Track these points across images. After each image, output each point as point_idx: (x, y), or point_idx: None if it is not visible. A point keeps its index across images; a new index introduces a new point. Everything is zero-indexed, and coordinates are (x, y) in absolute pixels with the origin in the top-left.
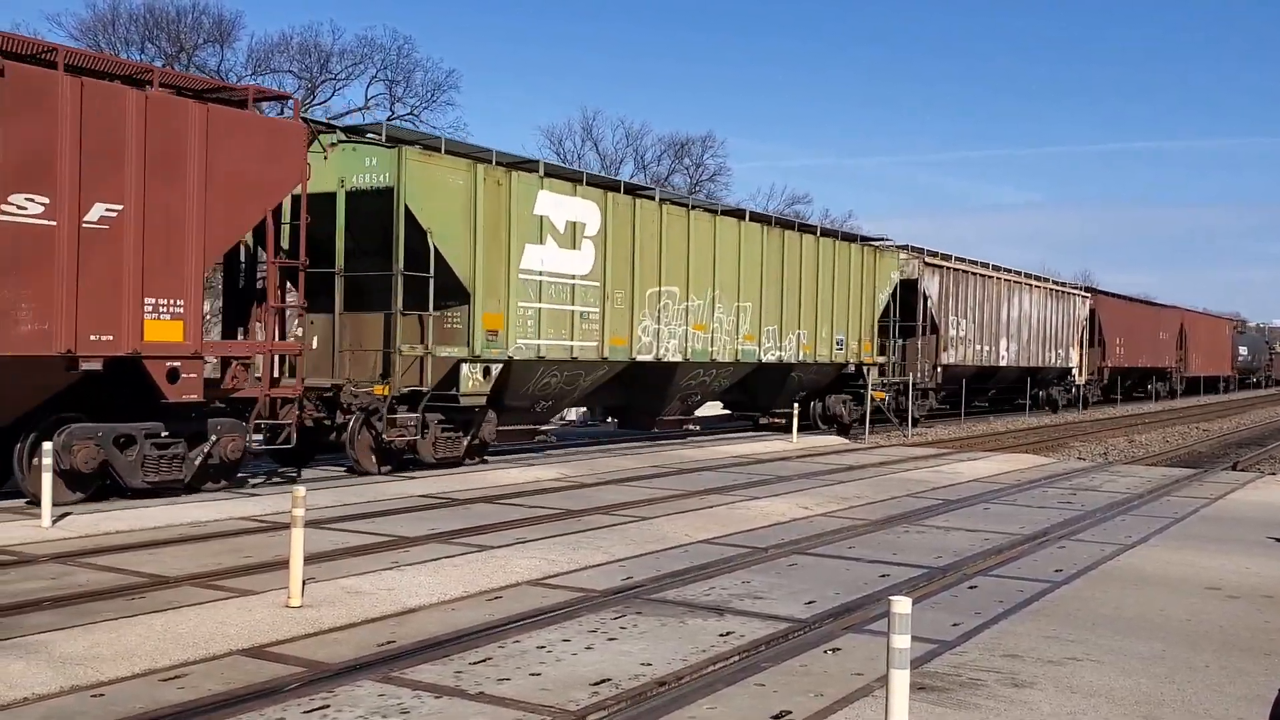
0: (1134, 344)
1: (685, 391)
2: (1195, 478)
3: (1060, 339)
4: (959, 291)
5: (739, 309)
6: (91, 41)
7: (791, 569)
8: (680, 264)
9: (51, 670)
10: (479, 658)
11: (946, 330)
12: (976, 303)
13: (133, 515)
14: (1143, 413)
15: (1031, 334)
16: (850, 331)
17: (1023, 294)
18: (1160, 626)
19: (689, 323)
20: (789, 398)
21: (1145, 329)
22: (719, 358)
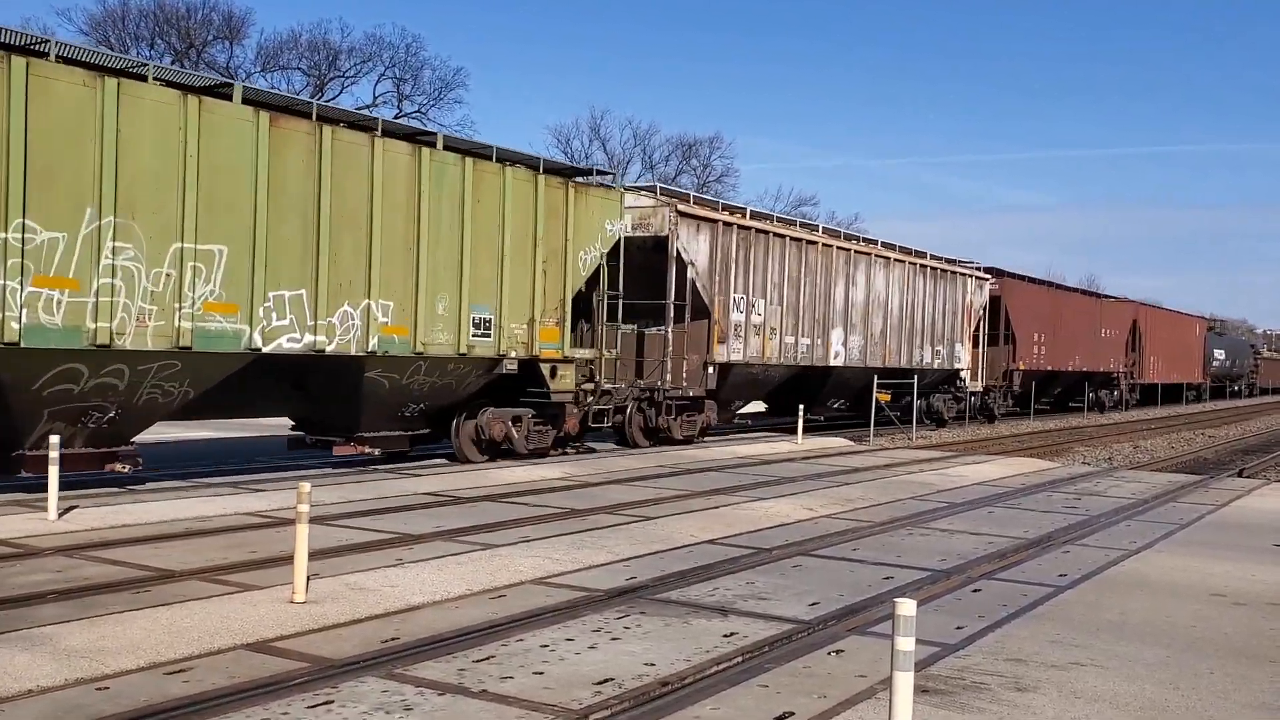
0: (1061, 342)
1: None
2: (1201, 484)
3: (943, 333)
4: (749, 259)
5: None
6: (101, 36)
7: (796, 570)
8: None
9: (56, 663)
10: (482, 655)
11: (722, 313)
12: (786, 277)
13: (139, 509)
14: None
15: (890, 324)
16: (513, 305)
17: (872, 269)
18: (1165, 632)
19: None
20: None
21: (1079, 324)
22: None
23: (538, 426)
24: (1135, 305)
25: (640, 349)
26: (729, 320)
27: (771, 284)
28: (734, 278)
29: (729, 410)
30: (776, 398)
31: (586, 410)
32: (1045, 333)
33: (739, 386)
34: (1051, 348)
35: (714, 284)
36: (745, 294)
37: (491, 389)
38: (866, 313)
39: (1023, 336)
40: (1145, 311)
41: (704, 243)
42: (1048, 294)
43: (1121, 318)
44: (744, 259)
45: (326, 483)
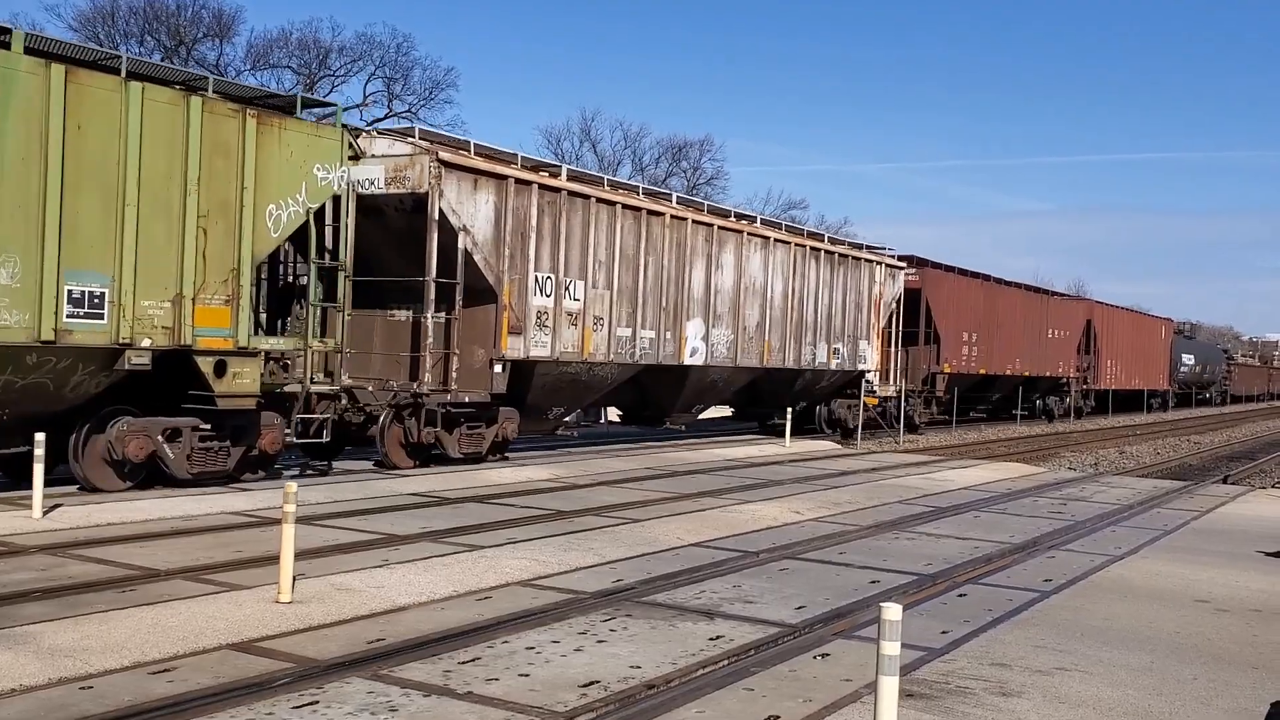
0: (998, 343)
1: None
2: (1186, 490)
3: (843, 329)
4: (561, 229)
5: None
6: (90, 33)
7: (782, 573)
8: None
9: (40, 662)
10: (468, 657)
11: (516, 296)
12: (619, 255)
13: (124, 507)
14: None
15: (772, 317)
16: (148, 275)
17: (746, 251)
18: (1149, 638)
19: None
20: None
21: (1020, 324)
22: None
23: (208, 443)
24: (1089, 304)
25: (415, 342)
26: (527, 306)
27: (597, 262)
28: (536, 252)
29: (547, 420)
30: (618, 403)
31: (298, 420)
32: (978, 332)
33: (554, 390)
34: (986, 349)
35: (502, 258)
36: (555, 273)
37: (138, 393)
38: (737, 302)
39: (949, 335)
40: (1101, 311)
41: (486, 204)
42: (981, 288)
43: (1073, 317)
44: (552, 229)
45: (313, 482)
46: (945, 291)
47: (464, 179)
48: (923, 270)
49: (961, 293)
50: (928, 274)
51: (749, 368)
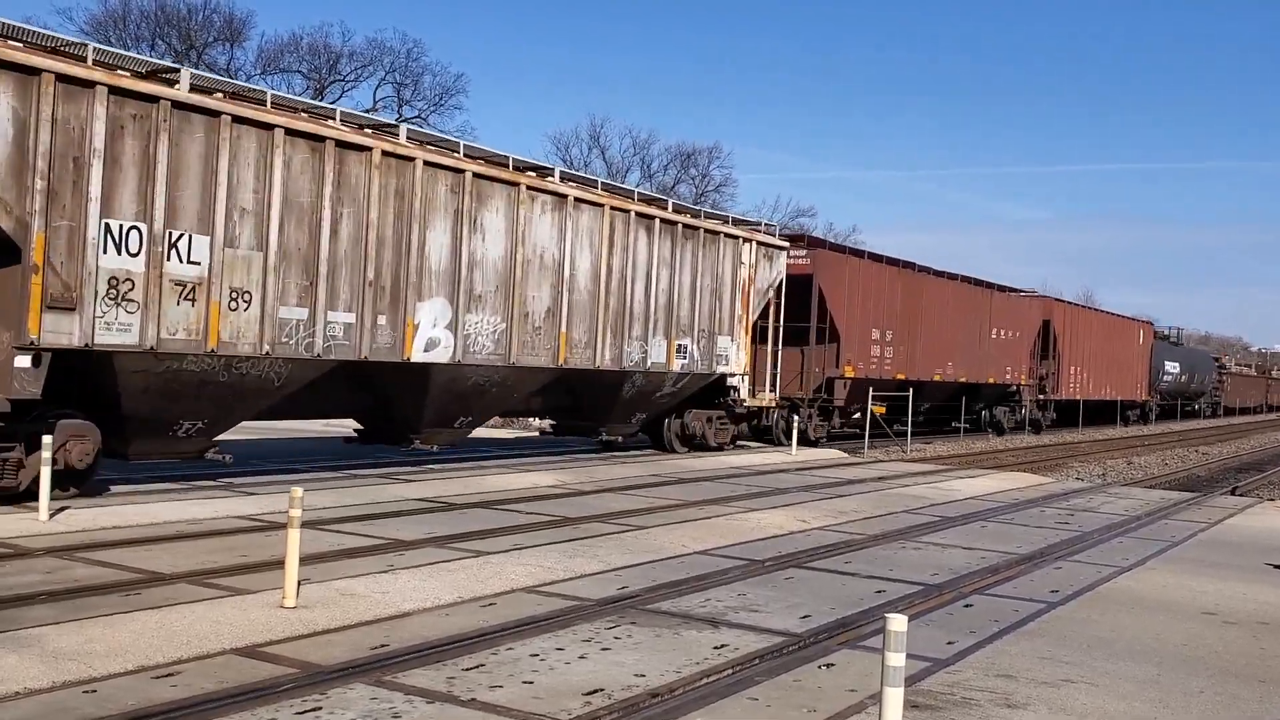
0: (922, 343)
1: None
2: (1194, 502)
3: (692, 321)
4: (167, 160)
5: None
6: (102, 36)
7: (788, 582)
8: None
9: (44, 665)
10: (472, 664)
11: (63, 252)
12: (288, 202)
13: (130, 510)
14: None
15: (575, 302)
16: None
17: (525, 211)
18: (1155, 650)
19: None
20: None
21: (954, 321)
22: None
23: None
24: (1047, 302)
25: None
26: (82, 266)
27: (238, 211)
28: (105, 188)
29: (178, 438)
30: (343, 412)
31: None
32: (894, 329)
33: (172, 396)
34: (907, 350)
35: (30, 195)
36: (147, 222)
37: None
38: (512, 280)
39: (852, 332)
40: (1063, 311)
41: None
42: (899, 277)
43: (1025, 317)
44: (143, 157)
45: (319, 487)
46: (846, 279)
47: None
48: (815, 252)
49: (870, 281)
50: (822, 257)
51: (539, 368)
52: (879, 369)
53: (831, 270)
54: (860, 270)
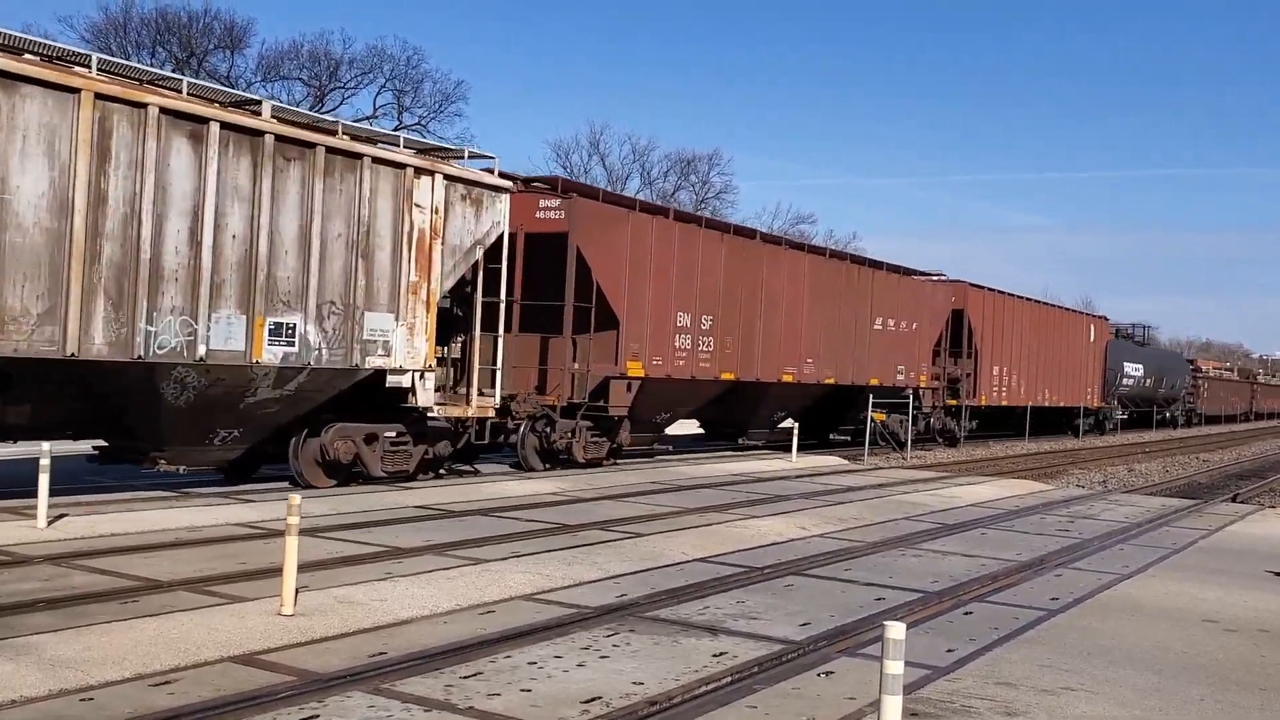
0: (763, 334)
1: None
2: (1194, 509)
3: (325, 292)
4: None
5: None
6: (103, 44)
7: (787, 590)
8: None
9: (41, 672)
10: (470, 672)
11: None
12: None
13: (128, 518)
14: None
15: (14, 244)
16: None
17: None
18: (1156, 658)
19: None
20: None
21: (818, 308)
22: None
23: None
24: (959, 287)
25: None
26: None
27: None
28: None
29: None
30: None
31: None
32: (715, 315)
33: None
34: (738, 342)
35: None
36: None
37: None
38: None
39: (636, 315)
40: (981, 299)
41: None
42: (721, 244)
43: (926, 304)
44: None
45: (317, 494)
46: (629, 242)
47: None
48: (573, 202)
49: (671, 248)
50: (582, 209)
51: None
52: (690, 366)
53: (601, 229)
54: (651, 231)
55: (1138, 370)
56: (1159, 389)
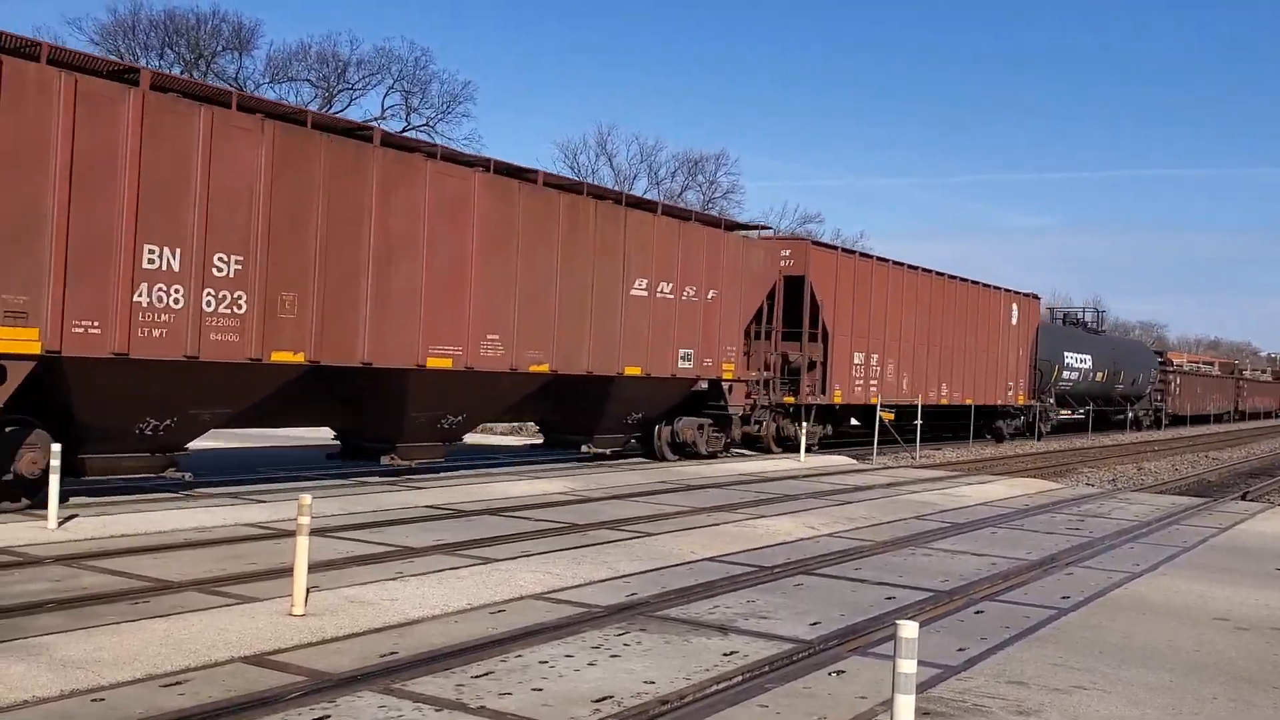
0: (397, 291)
1: None
2: (1205, 507)
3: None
4: None
5: None
6: (111, 46)
7: (797, 589)
8: None
9: (52, 673)
10: (481, 671)
11: None
12: None
13: (138, 519)
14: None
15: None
16: None
17: None
18: (1168, 656)
19: None
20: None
21: (523, 260)
22: None
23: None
24: (798, 245)
25: None
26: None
27: None
28: None
29: None
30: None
31: None
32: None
33: None
34: (308, 304)
35: None
36: None
37: None
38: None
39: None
40: (832, 263)
41: None
42: (277, 135)
43: (738, 266)
44: None
45: (327, 495)
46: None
47: None
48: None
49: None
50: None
51: None
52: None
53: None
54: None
55: (1084, 362)
56: (1115, 384)
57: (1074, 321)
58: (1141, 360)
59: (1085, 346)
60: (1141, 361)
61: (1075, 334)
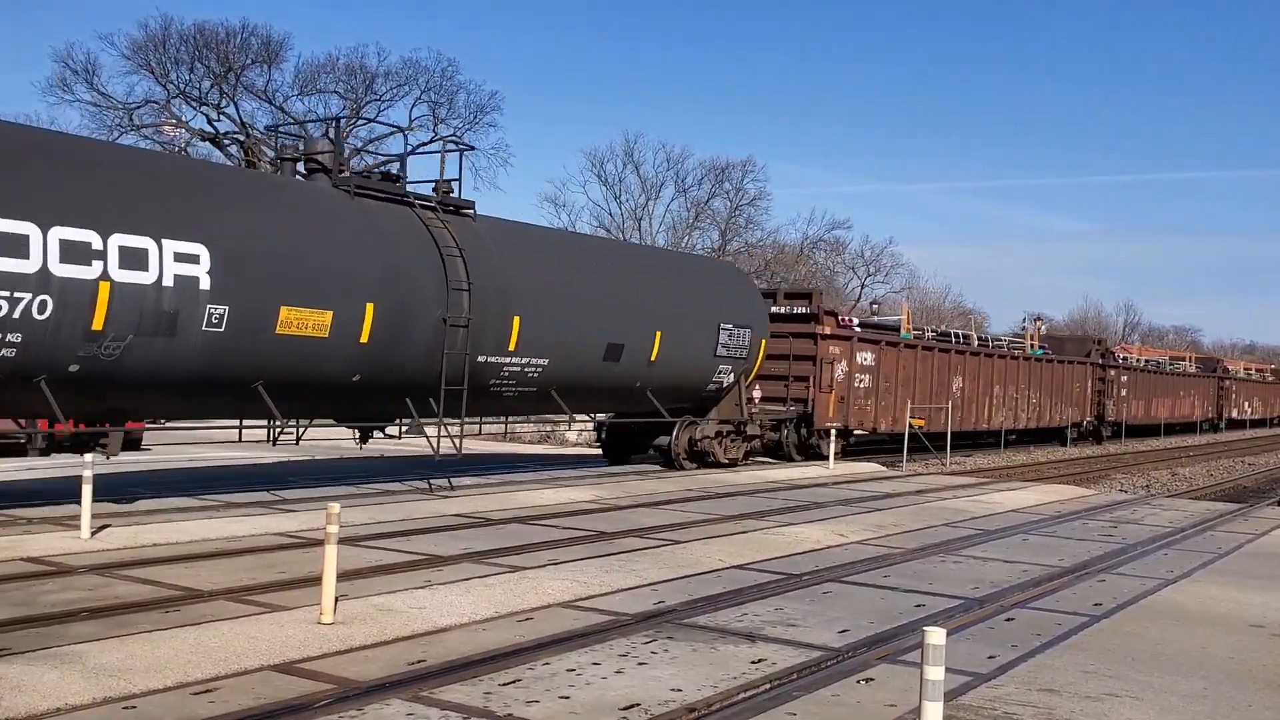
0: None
1: None
2: (1240, 513)
3: None
4: None
5: None
6: (142, 60)
7: (826, 597)
8: None
9: (85, 681)
10: (508, 679)
11: None
12: None
13: (170, 528)
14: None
15: None
16: None
17: None
18: (1202, 664)
19: None
20: None
21: None
22: None
23: None
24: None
25: None
26: None
27: None
28: None
29: None
30: None
31: None
32: None
33: None
34: None
35: None
36: None
37: None
38: None
39: None
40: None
41: None
42: None
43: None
44: None
45: (356, 504)
46: None
47: None
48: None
49: None
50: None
51: None
52: None
53: None
54: None
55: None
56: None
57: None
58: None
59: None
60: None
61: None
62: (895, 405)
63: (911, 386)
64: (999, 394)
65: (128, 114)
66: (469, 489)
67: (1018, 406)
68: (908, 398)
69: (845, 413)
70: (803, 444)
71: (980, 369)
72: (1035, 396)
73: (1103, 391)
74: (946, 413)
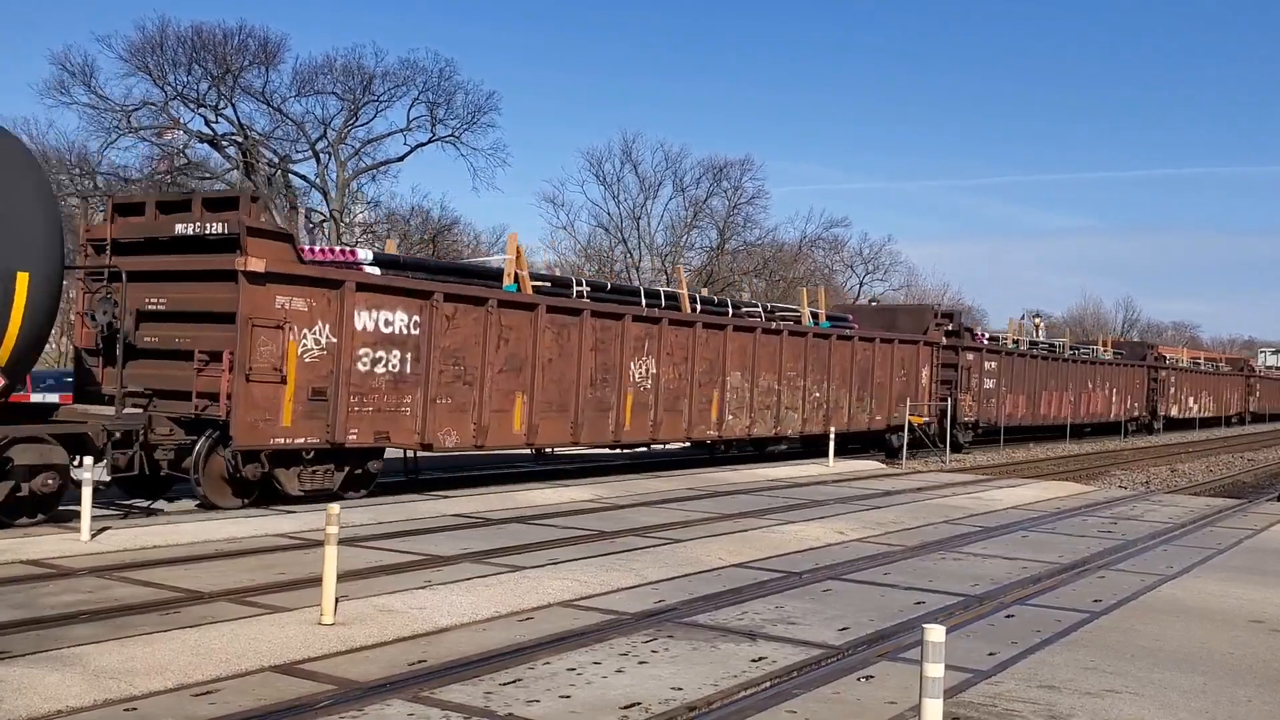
0: None
1: None
2: (1239, 509)
3: None
4: None
5: None
6: (140, 63)
7: (826, 594)
8: None
9: (86, 683)
10: (509, 679)
11: None
12: None
13: (170, 530)
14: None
15: None
16: None
17: None
18: (1201, 659)
19: None
20: None
21: None
22: None
23: None
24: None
25: None
26: None
27: None
28: None
29: None
30: None
31: None
32: None
33: None
34: None
35: None
36: None
37: None
38: None
39: None
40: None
41: None
42: None
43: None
44: None
45: (356, 505)
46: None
47: None
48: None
49: None
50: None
51: None
52: None
53: None
54: None
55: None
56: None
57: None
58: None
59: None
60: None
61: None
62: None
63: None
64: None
65: (125, 116)
66: (469, 490)
67: (779, 404)
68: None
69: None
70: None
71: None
72: (823, 390)
73: (952, 382)
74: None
